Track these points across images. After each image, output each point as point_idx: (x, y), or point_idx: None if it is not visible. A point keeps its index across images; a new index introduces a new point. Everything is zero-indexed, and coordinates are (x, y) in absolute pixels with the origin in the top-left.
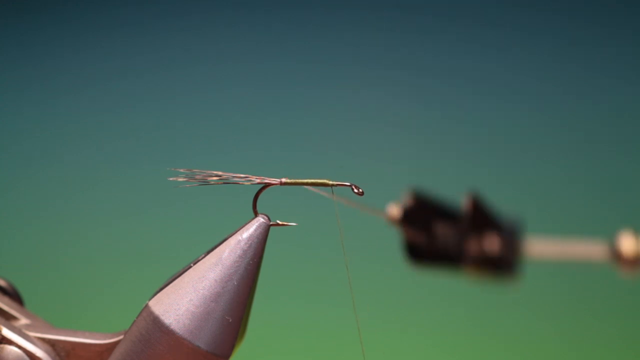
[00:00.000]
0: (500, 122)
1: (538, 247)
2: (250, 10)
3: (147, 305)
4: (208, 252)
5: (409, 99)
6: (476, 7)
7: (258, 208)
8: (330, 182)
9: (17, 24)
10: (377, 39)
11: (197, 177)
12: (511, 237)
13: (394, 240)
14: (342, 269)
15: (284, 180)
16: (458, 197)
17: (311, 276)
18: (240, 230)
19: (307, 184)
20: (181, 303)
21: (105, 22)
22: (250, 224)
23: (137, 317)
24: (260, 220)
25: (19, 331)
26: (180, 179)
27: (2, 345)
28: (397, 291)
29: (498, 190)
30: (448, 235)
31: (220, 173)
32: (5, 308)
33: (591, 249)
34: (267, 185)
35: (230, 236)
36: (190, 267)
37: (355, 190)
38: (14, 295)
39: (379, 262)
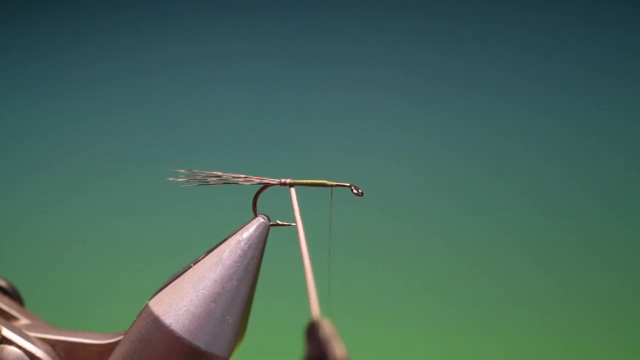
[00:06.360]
0: (500, 122)
1: None
2: (251, 11)
3: (147, 306)
4: (208, 252)
5: (409, 99)
6: (477, 7)
7: (258, 208)
8: (330, 183)
9: (17, 24)
10: (377, 39)
11: (197, 177)
12: None
13: (394, 240)
14: (341, 269)
15: (283, 180)
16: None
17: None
18: (240, 230)
19: (306, 184)
20: (181, 303)
21: (106, 22)
22: (250, 224)
23: (137, 317)
24: (260, 220)
25: (19, 331)
26: (180, 179)
27: (2, 345)
28: (397, 291)
29: (498, 190)
30: None
31: (220, 173)
32: (6, 308)
33: None
34: (267, 185)
35: (230, 236)
36: (190, 267)
37: (355, 191)
38: (14, 295)
39: (379, 262)
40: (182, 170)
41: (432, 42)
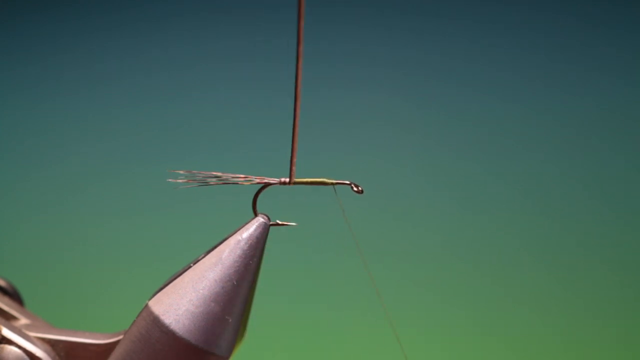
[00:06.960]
0: (500, 122)
1: None
2: (251, 11)
3: (147, 305)
4: (208, 252)
5: (409, 99)
6: (477, 7)
7: (258, 208)
8: (330, 181)
9: (17, 24)
10: (377, 39)
11: (197, 177)
12: None
13: (394, 240)
14: (341, 269)
15: (283, 180)
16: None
17: (311, 276)
18: (240, 230)
19: (306, 183)
20: (181, 303)
21: (106, 22)
22: (250, 223)
23: (137, 317)
24: (260, 220)
25: (19, 331)
26: (180, 180)
27: (2, 345)
28: (397, 291)
29: (498, 190)
30: None
31: (219, 173)
32: (5, 308)
33: None
34: (267, 185)
35: (230, 236)
36: (190, 267)
37: (355, 189)
38: (14, 295)
39: (379, 262)
40: (181, 171)
41: (432, 42)
